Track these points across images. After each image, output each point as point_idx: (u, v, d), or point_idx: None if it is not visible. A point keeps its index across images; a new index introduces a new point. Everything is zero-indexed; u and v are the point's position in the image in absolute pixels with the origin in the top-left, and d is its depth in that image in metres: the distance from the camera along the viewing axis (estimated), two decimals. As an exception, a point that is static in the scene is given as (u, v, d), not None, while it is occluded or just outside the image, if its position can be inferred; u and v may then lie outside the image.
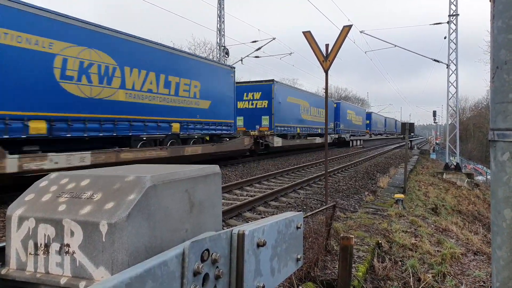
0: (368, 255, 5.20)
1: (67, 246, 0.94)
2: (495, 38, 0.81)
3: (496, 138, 0.81)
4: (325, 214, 5.29)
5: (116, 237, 0.89)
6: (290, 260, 1.49)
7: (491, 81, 0.84)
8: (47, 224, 0.96)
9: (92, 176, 1.08)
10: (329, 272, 4.43)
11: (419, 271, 5.26)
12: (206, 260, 0.99)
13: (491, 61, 0.83)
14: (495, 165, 0.83)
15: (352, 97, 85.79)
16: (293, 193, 10.11)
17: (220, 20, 26.65)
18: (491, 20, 0.83)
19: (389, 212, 8.08)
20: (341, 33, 6.19)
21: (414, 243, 6.33)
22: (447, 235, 7.62)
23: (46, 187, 1.08)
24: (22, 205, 1.03)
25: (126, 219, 0.90)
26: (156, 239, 1.00)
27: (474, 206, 14.90)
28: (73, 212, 0.96)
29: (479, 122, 57.27)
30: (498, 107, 0.81)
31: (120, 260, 0.89)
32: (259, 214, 7.72)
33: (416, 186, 14.09)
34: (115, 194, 0.98)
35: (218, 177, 1.33)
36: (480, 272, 5.56)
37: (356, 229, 6.42)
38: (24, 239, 0.99)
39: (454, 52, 20.17)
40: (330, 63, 6.19)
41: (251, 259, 1.16)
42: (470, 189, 18.99)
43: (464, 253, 6.43)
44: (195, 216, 1.18)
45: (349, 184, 12.19)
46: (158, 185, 1.01)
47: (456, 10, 19.91)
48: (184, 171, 1.16)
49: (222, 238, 1.09)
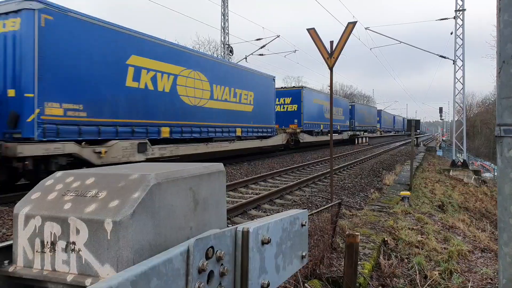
0: (374, 252, 5.19)
1: (73, 244, 0.94)
2: (501, 32, 0.80)
3: (503, 134, 0.80)
4: (330, 212, 5.28)
5: (121, 234, 0.90)
6: (295, 257, 1.49)
7: (497, 76, 0.82)
8: (53, 222, 0.97)
9: (97, 175, 1.09)
10: (335, 269, 4.42)
11: (425, 268, 5.24)
12: (211, 258, 0.99)
13: (497, 55, 0.82)
14: (501, 161, 0.81)
15: (358, 94, 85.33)
16: (299, 191, 10.10)
17: (224, 18, 26.64)
18: (497, 13, 0.81)
19: (395, 209, 8.04)
20: (346, 29, 6.15)
21: (421, 240, 6.30)
22: (454, 232, 7.57)
23: (52, 185, 1.09)
24: (29, 203, 1.04)
25: (131, 217, 0.91)
26: (161, 236, 1.00)
27: (482, 203, 14.77)
28: (79, 210, 0.96)
29: (486, 118, 56.67)
30: (504, 102, 0.79)
31: (125, 258, 0.90)
32: (264, 211, 7.73)
33: (422, 183, 14.00)
34: (120, 192, 0.98)
35: (223, 175, 1.33)
36: (488, 269, 5.51)
37: (362, 226, 6.40)
38: (31, 237, 1.00)
39: (460, 47, 19.97)
40: (335, 60, 6.15)
41: (256, 257, 1.16)
42: (477, 186, 18.82)
43: (471, 250, 6.38)
44: (200, 214, 1.18)
45: (354, 181, 12.15)
46: (163, 183, 1.02)
47: (463, 5, 19.69)
48: (188, 169, 1.16)
49: (226, 235, 1.09)
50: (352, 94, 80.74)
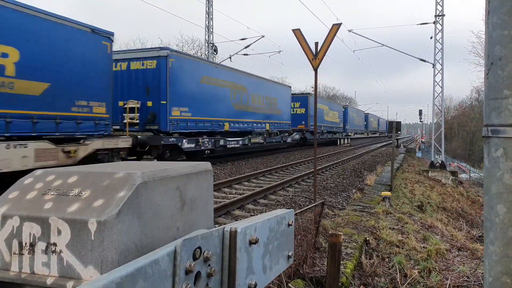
0: (356, 252, 5.25)
1: (54, 245, 0.90)
2: (490, 34, 0.81)
3: (490, 134, 0.81)
4: (313, 212, 5.31)
5: (105, 235, 0.86)
6: (281, 257, 1.49)
7: (485, 77, 0.84)
8: (33, 222, 0.93)
9: (80, 173, 1.04)
10: (318, 269, 4.45)
11: (405, 267, 5.34)
12: (198, 258, 0.97)
13: (485, 57, 0.83)
14: (488, 161, 0.83)
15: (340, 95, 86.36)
16: (282, 191, 10.13)
17: (208, 17, 26.48)
18: (486, 16, 0.83)
19: (377, 209, 8.17)
20: (330, 31, 6.21)
21: (401, 240, 6.42)
22: (432, 231, 7.76)
23: (31, 184, 1.04)
24: (5, 203, 0.99)
25: (116, 217, 0.87)
26: (147, 237, 0.97)
27: (458, 203, 15.23)
28: (60, 210, 0.92)
29: (463, 121, 58.49)
30: (492, 103, 0.81)
31: (110, 259, 0.87)
32: (248, 212, 7.72)
33: (403, 184, 14.30)
34: (105, 191, 0.95)
35: (210, 175, 1.31)
36: (464, 267, 5.67)
37: (344, 226, 6.48)
38: (8, 238, 0.95)
39: (439, 52, 20.50)
40: (320, 61, 6.20)
41: (244, 257, 1.15)
42: (454, 186, 19.38)
43: (448, 249, 6.56)
44: (187, 213, 1.16)
45: (337, 181, 12.29)
46: (149, 182, 0.99)
47: (442, 11, 20.23)
48: (176, 168, 1.13)
49: (214, 235, 1.07)
50: (335, 95, 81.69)
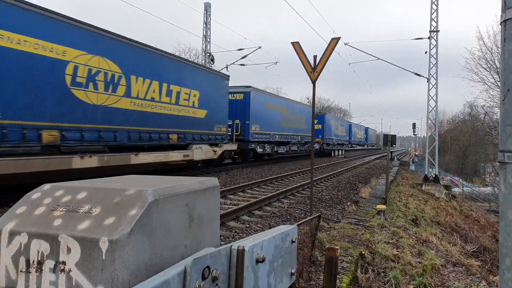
0: (351, 266, 5.22)
1: (63, 264, 0.88)
2: (506, 61, 0.82)
3: (507, 160, 0.81)
4: (310, 225, 5.28)
5: (117, 254, 0.84)
6: (285, 275, 1.47)
7: (500, 103, 0.84)
8: (41, 239, 0.90)
9: (89, 189, 1.02)
10: (314, 283, 4.41)
11: (401, 282, 5.31)
12: (207, 278, 0.95)
13: (501, 84, 0.84)
14: (505, 187, 0.82)
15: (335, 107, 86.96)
16: (277, 202, 10.09)
17: (206, 27, 26.68)
18: (502, 43, 0.83)
19: (372, 222, 8.16)
20: (329, 45, 6.27)
21: (396, 254, 6.40)
22: (427, 246, 7.75)
23: (39, 199, 1.02)
24: (13, 218, 0.96)
25: (128, 236, 0.85)
26: (156, 256, 0.95)
27: (452, 218, 15.27)
28: (70, 227, 0.90)
29: (456, 136, 59.10)
30: (508, 130, 0.81)
31: (120, 279, 0.84)
32: (243, 223, 7.66)
33: (397, 197, 14.33)
34: (115, 208, 0.93)
35: (217, 191, 1.29)
36: (460, 283, 5.66)
37: (340, 239, 6.45)
38: (15, 256, 0.92)
39: (434, 66, 20.80)
40: (318, 74, 6.26)
41: (250, 276, 1.13)
42: (447, 200, 19.46)
43: (444, 265, 6.55)
44: (194, 231, 1.14)
45: (332, 194, 12.28)
46: (160, 199, 0.97)
47: (437, 27, 20.60)
48: (184, 185, 1.12)
49: (222, 254, 1.06)
50: (330, 107, 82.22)
